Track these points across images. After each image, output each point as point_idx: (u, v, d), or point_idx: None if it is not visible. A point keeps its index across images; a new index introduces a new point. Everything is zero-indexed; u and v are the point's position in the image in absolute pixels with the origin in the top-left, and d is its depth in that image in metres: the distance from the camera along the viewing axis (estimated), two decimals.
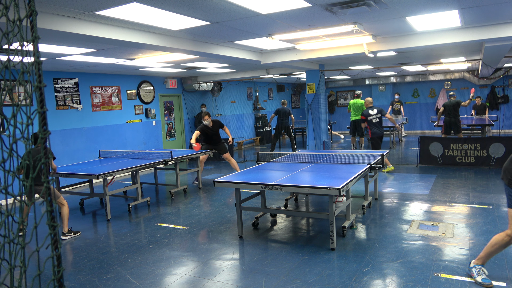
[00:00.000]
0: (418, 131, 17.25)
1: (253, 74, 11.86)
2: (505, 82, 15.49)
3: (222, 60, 8.80)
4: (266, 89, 17.11)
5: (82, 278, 3.95)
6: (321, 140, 10.78)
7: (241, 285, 3.61)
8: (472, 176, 7.78)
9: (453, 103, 9.96)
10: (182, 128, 12.64)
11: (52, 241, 1.30)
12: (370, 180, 6.02)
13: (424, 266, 3.78)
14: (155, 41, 5.59)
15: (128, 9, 4.23)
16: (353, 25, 5.46)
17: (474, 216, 5.24)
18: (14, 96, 1.67)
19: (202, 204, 6.79)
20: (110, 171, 5.96)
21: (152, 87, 11.36)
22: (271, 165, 5.88)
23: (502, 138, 8.44)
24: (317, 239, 4.72)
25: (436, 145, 8.98)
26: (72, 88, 9.03)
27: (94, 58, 7.28)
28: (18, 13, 1.33)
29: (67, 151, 8.89)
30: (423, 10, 5.03)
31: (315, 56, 7.83)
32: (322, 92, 10.79)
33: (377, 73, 15.30)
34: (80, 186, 8.67)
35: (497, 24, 6.09)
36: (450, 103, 10.02)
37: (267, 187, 4.33)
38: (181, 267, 4.09)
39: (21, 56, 1.36)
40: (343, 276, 3.66)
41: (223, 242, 4.80)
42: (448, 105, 10.02)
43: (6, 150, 1.52)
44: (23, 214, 1.53)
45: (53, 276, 1.34)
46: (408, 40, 6.83)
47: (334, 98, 19.34)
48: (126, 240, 5.05)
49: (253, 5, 4.35)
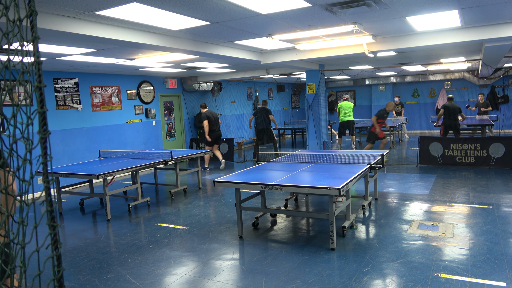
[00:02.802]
0: (418, 131, 17.25)
1: (253, 74, 11.85)
2: (505, 82, 15.49)
3: (222, 60, 8.81)
4: (266, 89, 17.11)
5: (82, 278, 3.95)
6: (321, 140, 10.79)
7: (241, 285, 3.61)
8: (472, 176, 7.78)
9: (455, 107, 9.75)
10: (182, 128, 12.64)
11: (52, 241, 1.30)
12: (370, 180, 6.02)
13: (424, 266, 3.78)
14: (155, 41, 5.59)
15: (128, 9, 4.23)
16: (353, 25, 5.46)
17: (474, 216, 5.24)
18: (14, 96, 1.67)
19: (202, 204, 6.79)
20: (110, 171, 5.96)
21: (152, 87, 11.36)
22: (271, 165, 5.88)
23: (502, 138, 8.44)
24: (317, 239, 4.72)
25: (436, 145, 8.98)
26: (72, 88, 9.03)
27: (94, 58, 7.28)
28: (18, 13, 1.33)
29: (67, 151, 8.89)
30: (423, 10, 5.03)
31: (315, 56, 7.83)
32: (322, 92, 10.80)
33: (377, 73, 15.30)
34: (80, 186, 8.66)
35: (497, 24, 6.09)
36: (452, 106, 9.80)
37: (267, 187, 4.33)
38: (181, 267, 4.09)
39: (21, 56, 1.36)
40: (343, 276, 3.66)
41: (223, 242, 4.80)
42: (449, 108, 9.79)
43: (6, 150, 1.52)
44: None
45: (53, 276, 1.33)
46: (408, 40, 6.83)
47: (334, 98, 19.35)
48: (126, 240, 5.05)
49: (253, 5, 4.35)
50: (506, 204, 5.71)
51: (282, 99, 18.51)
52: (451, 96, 10.22)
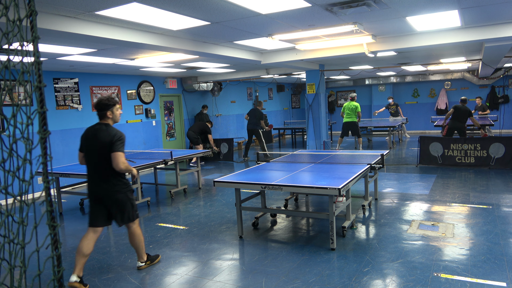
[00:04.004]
0: (418, 131, 17.25)
1: (253, 74, 11.85)
2: (505, 82, 15.49)
3: (222, 60, 8.81)
4: (266, 89, 17.11)
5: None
6: (321, 140, 10.79)
7: (241, 285, 3.61)
8: (472, 176, 7.78)
9: (465, 110, 9.32)
10: (182, 128, 12.64)
11: (52, 241, 1.30)
12: (370, 180, 6.02)
13: (424, 266, 3.79)
14: (155, 41, 5.59)
15: (128, 9, 4.23)
16: (353, 25, 5.46)
17: (474, 216, 5.24)
18: (14, 96, 1.67)
19: (202, 204, 6.79)
20: None
21: (152, 87, 11.36)
22: (271, 165, 5.88)
23: (502, 138, 8.44)
24: (317, 239, 4.72)
25: (436, 145, 8.98)
26: (72, 88, 9.03)
27: (94, 58, 7.28)
28: (18, 13, 1.33)
29: (67, 151, 8.89)
30: (423, 10, 5.03)
31: (315, 56, 7.82)
32: (322, 92, 10.80)
33: (377, 73, 15.30)
34: (80, 186, 8.66)
35: (497, 24, 6.09)
36: (462, 108, 9.35)
37: (267, 187, 4.33)
38: (181, 267, 4.09)
39: (21, 56, 1.36)
40: (343, 276, 3.66)
41: (223, 242, 4.80)
42: (459, 110, 9.35)
43: (6, 150, 1.52)
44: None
45: (53, 276, 1.34)
46: (408, 40, 6.83)
47: (334, 98, 19.35)
48: (126, 240, 5.05)
49: (253, 5, 4.35)
50: (506, 204, 5.71)
51: (282, 99, 18.51)
52: (464, 98, 9.66)
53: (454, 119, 9.49)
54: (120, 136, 3.67)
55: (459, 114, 9.39)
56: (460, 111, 9.38)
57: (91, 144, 3.72)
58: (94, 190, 3.79)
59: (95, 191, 3.78)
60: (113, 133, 3.66)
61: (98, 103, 3.74)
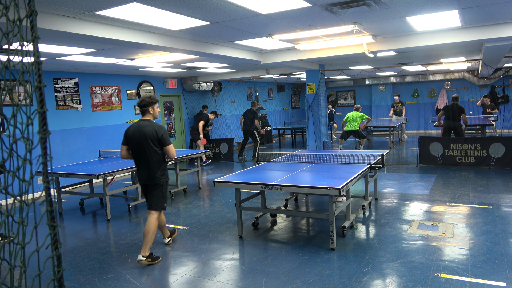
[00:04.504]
0: (418, 131, 17.25)
1: (253, 74, 11.85)
2: (505, 82, 15.49)
3: (222, 60, 8.81)
4: (266, 89, 17.11)
5: (82, 278, 3.95)
6: (321, 140, 10.79)
7: (241, 285, 3.61)
8: (472, 176, 7.78)
9: (457, 109, 9.32)
10: (182, 128, 12.64)
11: (52, 241, 1.30)
12: (370, 180, 6.02)
13: (424, 266, 3.79)
14: (155, 41, 5.59)
15: (128, 9, 4.23)
16: (353, 25, 5.46)
17: (474, 216, 5.24)
18: (14, 96, 1.67)
19: (202, 204, 6.79)
20: (110, 171, 5.97)
21: (152, 87, 11.37)
22: (271, 165, 5.88)
23: (502, 138, 8.44)
24: (317, 239, 4.72)
25: (436, 145, 8.98)
26: (72, 88, 9.03)
27: (94, 58, 7.28)
28: (18, 13, 1.33)
29: (67, 151, 8.89)
30: (423, 10, 5.03)
31: (315, 56, 7.83)
32: (322, 92, 10.80)
33: (377, 73, 15.30)
34: (80, 186, 8.67)
35: (497, 24, 6.09)
36: (453, 107, 9.39)
37: (267, 187, 4.33)
38: (181, 267, 4.09)
39: (21, 56, 1.36)
40: (343, 276, 3.66)
41: (223, 242, 4.80)
42: (450, 109, 9.42)
43: (6, 150, 1.52)
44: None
45: (53, 276, 1.34)
46: (408, 40, 6.83)
47: (334, 98, 19.34)
48: (126, 240, 5.05)
49: (253, 5, 4.35)
50: (506, 204, 5.71)
51: (282, 99, 18.51)
52: (455, 96, 9.65)
53: (447, 118, 9.55)
54: (164, 131, 4.27)
55: (451, 113, 9.45)
56: (452, 110, 9.43)
57: (138, 138, 4.23)
58: (142, 177, 4.30)
59: (143, 179, 4.30)
60: (156, 127, 4.23)
61: (141, 101, 4.30)
